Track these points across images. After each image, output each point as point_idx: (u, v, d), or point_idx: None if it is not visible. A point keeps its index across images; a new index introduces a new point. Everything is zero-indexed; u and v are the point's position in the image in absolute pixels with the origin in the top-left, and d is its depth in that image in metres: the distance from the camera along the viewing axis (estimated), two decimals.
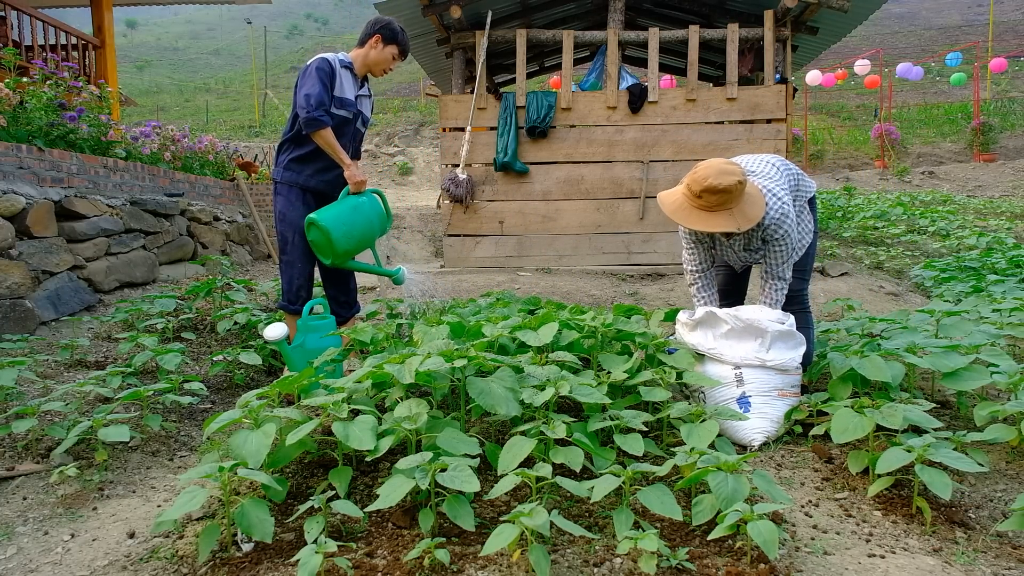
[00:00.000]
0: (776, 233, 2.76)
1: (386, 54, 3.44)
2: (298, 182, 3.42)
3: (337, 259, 3.33)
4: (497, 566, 1.74)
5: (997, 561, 1.86)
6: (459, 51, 7.10)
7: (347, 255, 3.34)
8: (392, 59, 3.47)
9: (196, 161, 7.44)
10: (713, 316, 2.78)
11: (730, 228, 2.64)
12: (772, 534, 1.66)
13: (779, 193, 2.77)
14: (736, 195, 2.63)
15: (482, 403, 2.16)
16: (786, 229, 2.76)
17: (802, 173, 3.07)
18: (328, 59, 3.36)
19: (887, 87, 18.10)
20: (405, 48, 3.50)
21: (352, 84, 3.45)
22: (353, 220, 3.30)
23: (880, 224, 8.90)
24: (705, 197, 2.63)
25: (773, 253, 2.83)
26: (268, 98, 28.38)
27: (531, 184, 6.85)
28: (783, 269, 2.86)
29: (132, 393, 2.74)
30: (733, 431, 2.63)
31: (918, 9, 38.79)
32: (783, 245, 2.80)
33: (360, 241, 3.35)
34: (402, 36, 3.47)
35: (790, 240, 2.79)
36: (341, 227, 3.26)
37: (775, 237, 2.78)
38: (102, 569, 1.92)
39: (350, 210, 3.31)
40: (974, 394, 2.79)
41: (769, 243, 2.81)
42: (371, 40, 3.45)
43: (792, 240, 2.80)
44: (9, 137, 4.55)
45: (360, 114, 3.52)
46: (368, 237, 3.38)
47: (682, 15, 8.28)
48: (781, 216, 2.74)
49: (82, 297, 4.55)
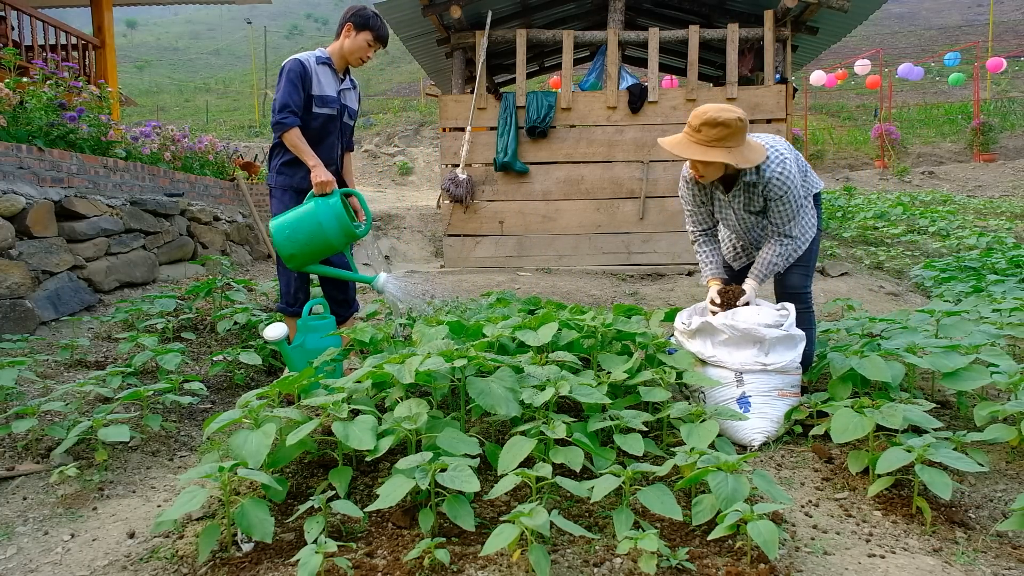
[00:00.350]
0: (777, 189, 2.71)
1: (360, 41, 3.37)
2: (291, 185, 3.42)
3: (290, 263, 3.27)
4: (497, 566, 1.74)
5: (997, 561, 1.86)
6: (459, 51, 7.10)
7: (295, 259, 3.24)
8: (368, 46, 3.39)
9: (196, 161, 7.44)
10: (710, 325, 2.77)
11: (727, 161, 2.61)
12: (772, 534, 1.66)
13: (781, 151, 2.74)
14: (735, 132, 2.61)
15: (482, 403, 2.16)
16: (788, 186, 2.71)
17: (810, 168, 3.04)
18: (300, 59, 3.33)
19: (887, 87, 18.10)
20: (379, 33, 3.40)
21: (332, 79, 3.42)
22: (297, 225, 3.19)
23: (880, 224, 8.90)
24: (704, 131, 2.62)
25: (776, 212, 2.78)
26: (268, 98, 28.39)
27: (531, 184, 6.85)
28: (789, 227, 2.80)
29: (132, 393, 2.74)
30: (733, 431, 2.63)
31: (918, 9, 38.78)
32: (785, 203, 2.74)
33: (310, 245, 3.20)
34: (375, 21, 3.38)
35: (792, 198, 2.74)
36: (284, 231, 3.20)
37: (777, 195, 2.73)
38: (102, 569, 1.92)
39: (297, 216, 3.22)
40: (974, 394, 2.79)
41: (771, 201, 2.76)
42: (344, 29, 3.40)
43: (796, 198, 2.75)
44: (9, 137, 4.55)
45: (345, 108, 3.50)
46: (320, 240, 3.20)
47: (682, 15, 8.28)
48: (782, 170, 2.70)
49: (82, 297, 4.55)
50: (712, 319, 2.77)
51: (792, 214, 2.79)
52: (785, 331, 2.69)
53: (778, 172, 2.71)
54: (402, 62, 32.56)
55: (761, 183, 2.74)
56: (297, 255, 3.23)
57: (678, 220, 6.76)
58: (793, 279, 3.02)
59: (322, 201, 3.22)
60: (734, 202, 2.89)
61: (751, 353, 2.69)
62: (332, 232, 3.18)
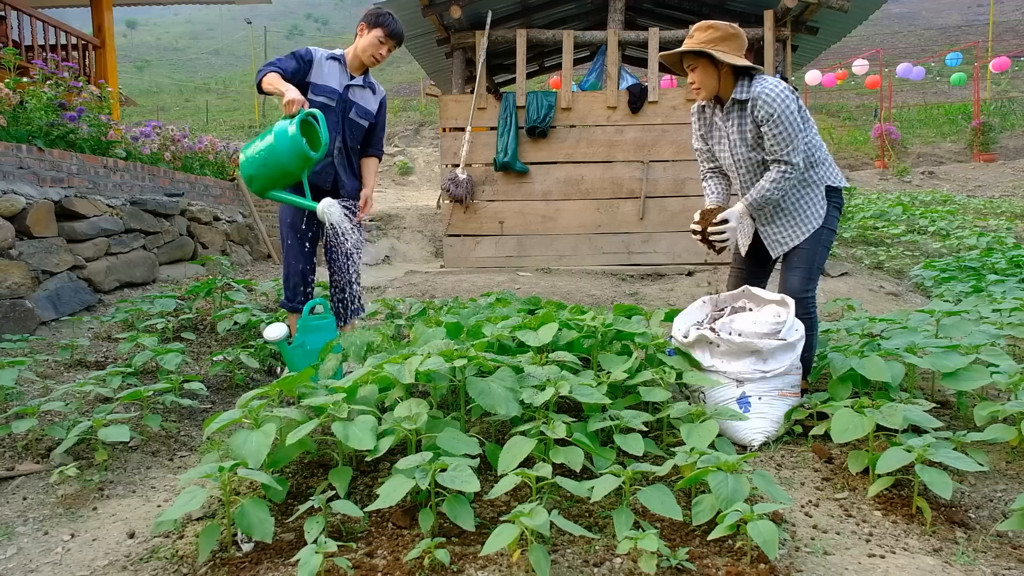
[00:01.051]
0: (767, 107, 2.67)
1: (371, 38, 3.39)
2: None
3: (251, 186, 3.25)
4: (497, 566, 1.74)
5: (997, 561, 1.86)
6: (459, 51, 7.11)
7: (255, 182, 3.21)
8: (379, 43, 3.40)
9: (196, 161, 7.44)
10: (706, 338, 2.76)
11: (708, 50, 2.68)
12: (772, 534, 1.66)
13: (780, 83, 2.73)
14: (725, 37, 2.71)
15: (482, 403, 2.16)
16: (777, 103, 2.66)
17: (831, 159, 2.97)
18: (309, 48, 3.43)
19: (887, 87, 18.10)
20: (392, 30, 3.41)
21: (339, 74, 3.45)
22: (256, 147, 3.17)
23: (880, 224, 8.90)
24: (697, 35, 2.75)
25: (770, 136, 2.72)
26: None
27: (531, 184, 6.85)
28: (786, 152, 2.72)
29: (132, 393, 2.74)
30: (733, 431, 2.63)
31: (918, 9, 38.79)
32: (777, 125, 2.68)
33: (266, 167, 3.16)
34: (386, 18, 3.40)
35: (785, 120, 2.67)
36: (244, 152, 3.20)
37: (767, 114, 2.68)
38: (102, 569, 1.92)
39: (258, 138, 3.21)
40: (974, 394, 2.79)
41: (763, 125, 2.72)
42: (357, 29, 3.47)
43: (789, 122, 2.68)
44: (9, 137, 4.55)
45: (351, 104, 3.49)
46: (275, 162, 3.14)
47: (682, 15, 8.28)
48: (772, 88, 2.68)
49: (82, 297, 4.55)
50: (708, 333, 2.75)
51: (787, 138, 2.70)
52: (782, 340, 2.67)
53: (768, 88, 2.68)
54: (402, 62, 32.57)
55: (751, 101, 2.72)
56: (256, 177, 3.19)
57: (678, 220, 6.76)
58: (792, 281, 2.89)
59: (281, 125, 3.15)
60: (730, 128, 2.86)
61: (749, 362, 2.68)
62: (285, 154, 3.10)
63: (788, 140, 2.71)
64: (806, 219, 2.88)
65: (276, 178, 3.19)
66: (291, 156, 3.11)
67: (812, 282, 2.91)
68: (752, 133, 2.81)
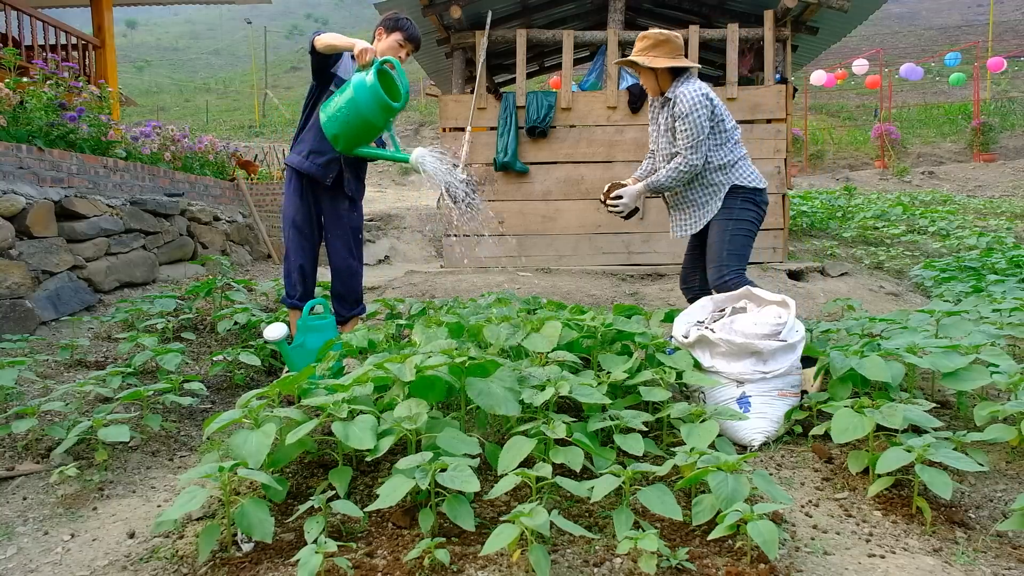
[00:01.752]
0: (682, 106, 3.18)
1: (391, 42, 3.43)
2: (293, 163, 3.45)
3: (337, 145, 3.23)
4: (497, 566, 1.74)
5: (997, 561, 1.86)
6: (459, 51, 7.10)
7: (340, 140, 3.19)
8: (399, 47, 3.44)
9: (196, 161, 7.44)
10: (707, 338, 2.76)
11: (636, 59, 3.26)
12: (772, 534, 1.66)
13: (703, 88, 3.22)
14: (655, 44, 3.26)
15: (482, 403, 2.16)
16: (690, 106, 3.15)
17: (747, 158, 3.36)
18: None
19: (887, 87, 18.10)
20: (410, 34, 3.46)
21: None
22: (337, 104, 3.15)
23: (880, 224, 8.90)
24: (637, 44, 3.33)
25: (679, 131, 3.22)
26: (268, 98, 28.39)
27: (531, 184, 6.85)
28: (687, 149, 3.21)
29: (132, 393, 2.74)
30: (733, 431, 2.63)
31: (918, 9, 38.79)
32: (686, 123, 3.18)
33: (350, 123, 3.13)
34: (405, 23, 3.46)
35: (693, 121, 3.16)
36: (326, 111, 3.18)
37: (680, 112, 3.18)
38: (102, 569, 1.92)
39: (338, 94, 3.18)
40: (974, 394, 2.79)
41: (676, 119, 3.21)
42: (376, 33, 3.50)
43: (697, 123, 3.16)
44: (9, 137, 4.55)
45: None
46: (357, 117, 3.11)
47: (682, 15, 8.28)
48: (691, 92, 3.18)
49: (82, 297, 4.55)
50: (709, 334, 2.75)
51: (690, 137, 3.18)
52: (782, 340, 2.67)
53: (687, 91, 3.19)
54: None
55: (673, 98, 3.23)
56: (340, 135, 3.17)
57: None
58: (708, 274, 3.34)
59: (358, 77, 3.12)
60: (659, 121, 3.39)
61: (749, 363, 2.68)
62: (365, 105, 3.07)
63: (690, 139, 3.20)
64: (701, 213, 3.36)
65: (360, 133, 3.15)
66: (372, 108, 3.06)
67: (723, 277, 3.26)
68: (670, 127, 3.31)
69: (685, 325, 2.97)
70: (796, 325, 2.77)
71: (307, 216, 3.50)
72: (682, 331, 2.93)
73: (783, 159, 6.62)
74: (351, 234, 3.58)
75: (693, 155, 3.19)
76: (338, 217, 3.54)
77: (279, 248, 7.57)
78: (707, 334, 2.75)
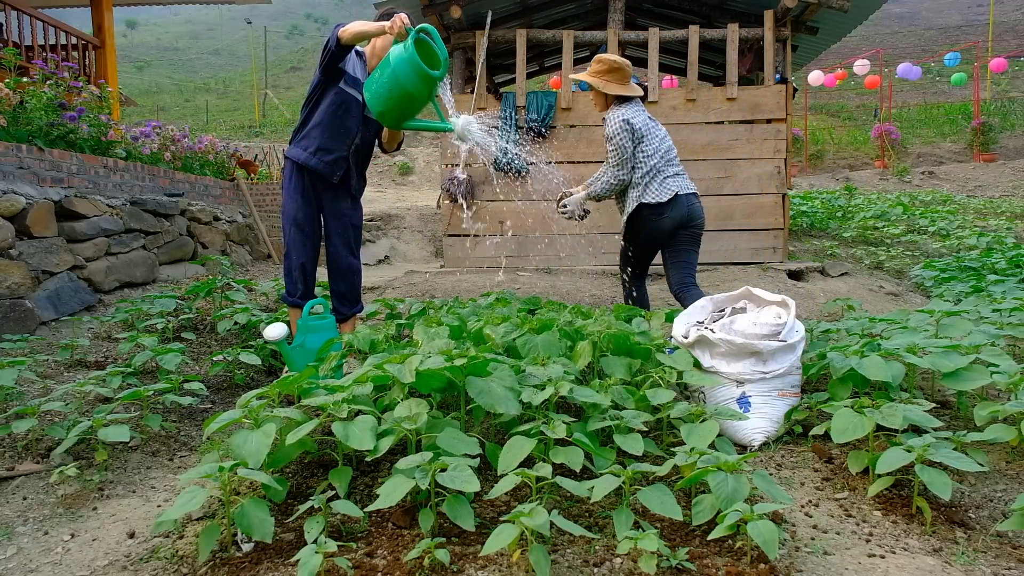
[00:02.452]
0: (606, 127, 3.80)
1: (389, 39, 3.36)
2: (298, 158, 3.41)
3: (384, 121, 3.17)
4: (497, 566, 1.74)
5: (997, 561, 1.86)
6: (459, 51, 7.10)
7: (386, 117, 3.12)
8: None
9: (196, 161, 7.44)
10: (706, 338, 2.76)
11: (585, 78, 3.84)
12: (772, 534, 1.66)
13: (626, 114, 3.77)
14: (607, 69, 3.80)
15: (482, 403, 2.16)
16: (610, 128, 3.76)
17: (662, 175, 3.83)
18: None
19: (887, 87, 18.10)
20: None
21: (362, 69, 3.47)
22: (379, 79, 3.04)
23: (880, 224, 8.90)
24: (591, 67, 3.87)
25: (608, 151, 3.84)
26: (268, 98, 28.38)
27: (531, 184, 6.85)
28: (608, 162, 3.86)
29: (132, 393, 2.74)
30: (733, 431, 2.63)
31: (918, 9, 38.79)
32: (609, 142, 3.80)
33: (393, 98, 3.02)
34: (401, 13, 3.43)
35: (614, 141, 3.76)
36: (369, 88, 3.08)
37: (607, 135, 3.79)
38: (102, 569, 1.92)
39: (378, 69, 3.08)
40: (974, 394, 2.79)
41: (606, 139, 3.82)
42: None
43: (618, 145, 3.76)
44: (9, 137, 4.55)
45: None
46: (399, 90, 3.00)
47: (682, 15, 8.28)
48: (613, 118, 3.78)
49: (82, 297, 4.55)
50: (709, 335, 2.75)
51: (612, 153, 3.81)
52: (782, 341, 2.67)
53: (612, 117, 3.79)
54: None
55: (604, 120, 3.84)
56: (386, 112, 3.08)
57: None
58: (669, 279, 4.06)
59: (396, 50, 3.02)
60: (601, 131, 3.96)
61: (749, 363, 2.68)
62: (407, 78, 2.97)
63: (612, 155, 3.82)
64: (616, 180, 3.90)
65: (405, 107, 3.07)
66: (413, 79, 2.97)
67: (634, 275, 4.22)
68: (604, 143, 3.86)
69: (685, 325, 2.97)
70: (796, 325, 2.77)
71: (309, 214, 3.49)
72: (682, 331, 2.93)
73: (783, 159, 6.62)
74: (352, 232, 3.58)
75: (620, 171, 3.83)
76: (340, 215, 3.54)
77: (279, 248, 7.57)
78: (707, 334, 2.75)
